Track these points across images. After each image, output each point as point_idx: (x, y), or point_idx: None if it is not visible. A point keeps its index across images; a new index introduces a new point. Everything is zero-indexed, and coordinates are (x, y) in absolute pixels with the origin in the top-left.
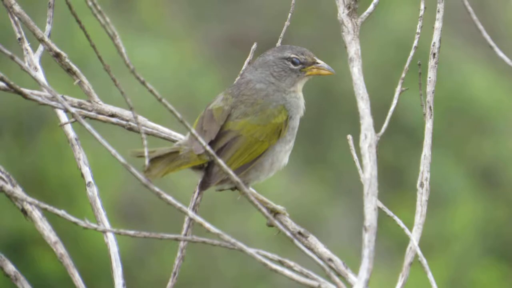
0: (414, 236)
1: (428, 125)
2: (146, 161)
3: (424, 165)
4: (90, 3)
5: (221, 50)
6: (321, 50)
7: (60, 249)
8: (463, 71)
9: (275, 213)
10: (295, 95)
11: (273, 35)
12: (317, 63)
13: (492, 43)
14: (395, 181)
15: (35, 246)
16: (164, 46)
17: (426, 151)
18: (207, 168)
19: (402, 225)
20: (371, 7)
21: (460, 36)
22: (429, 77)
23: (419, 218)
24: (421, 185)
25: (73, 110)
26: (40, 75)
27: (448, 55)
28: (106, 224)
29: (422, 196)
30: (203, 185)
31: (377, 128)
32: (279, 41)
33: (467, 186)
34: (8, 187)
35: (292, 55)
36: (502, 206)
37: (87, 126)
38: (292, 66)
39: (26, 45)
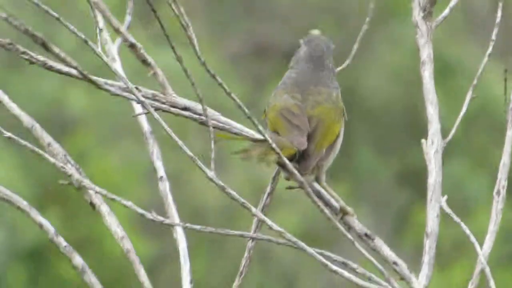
0: (487, 244)
1: (510, 133)
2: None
3: (502, 172)
4: None
5: (244, 61)
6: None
7: (127, 244)
8: None
9: (344, 213)
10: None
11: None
12: None
13: None
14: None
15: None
16: (187, 56)
17: (505, 158)
18: (298, 156)
19: (467, 231)
20: (447, 11)
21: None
22: None
23: (493, 226)
24: (498, 192)
25: (146, 101)
26: (117, 66)
27: None
28: (176, 219)
29: (497, 204)
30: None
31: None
32: (355, 45)
33: None
34: (77, 175)
35: (333, 46)
36: None
37: (156, 115)
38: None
39: (106, 34)
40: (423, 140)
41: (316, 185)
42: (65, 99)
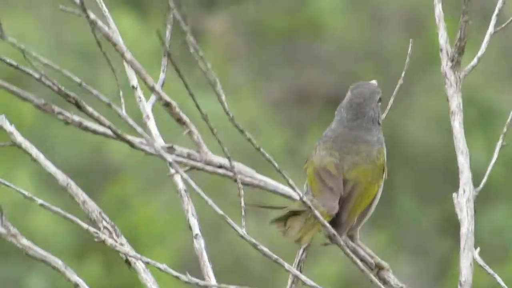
0: None
1: None
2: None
3: None
4: (192, 50)
5: (286, 107)
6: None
7: None
8: None
9: (379, 268)
10: (381, 130)
11: (341, 91)
12: None
13: None
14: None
15: None
16: (229, 102)
17: None
18: (331, 221)
19: (502, 284)
20: (475, 60)
21: None
22: None
23: None
24: None
25: (178, 160)
26: (152, 124)
27: None
28: (212, 279)
29: None
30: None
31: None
32: (392, 99)
33: None
34: (110, 240)
35: (380, 95)
36: None
37: (184, 175)
38: (380, 104)
39: (139, 93)
40: (454, 194)
41: (350, 242)
42: (107, 145)
